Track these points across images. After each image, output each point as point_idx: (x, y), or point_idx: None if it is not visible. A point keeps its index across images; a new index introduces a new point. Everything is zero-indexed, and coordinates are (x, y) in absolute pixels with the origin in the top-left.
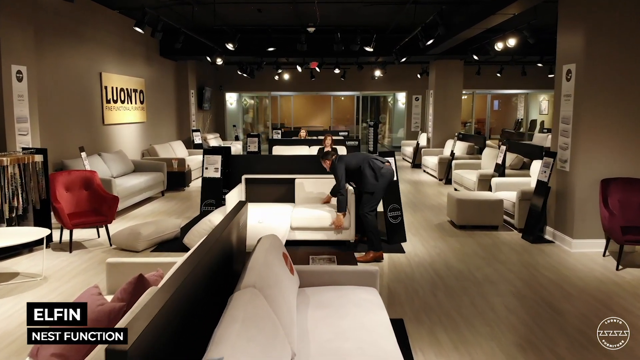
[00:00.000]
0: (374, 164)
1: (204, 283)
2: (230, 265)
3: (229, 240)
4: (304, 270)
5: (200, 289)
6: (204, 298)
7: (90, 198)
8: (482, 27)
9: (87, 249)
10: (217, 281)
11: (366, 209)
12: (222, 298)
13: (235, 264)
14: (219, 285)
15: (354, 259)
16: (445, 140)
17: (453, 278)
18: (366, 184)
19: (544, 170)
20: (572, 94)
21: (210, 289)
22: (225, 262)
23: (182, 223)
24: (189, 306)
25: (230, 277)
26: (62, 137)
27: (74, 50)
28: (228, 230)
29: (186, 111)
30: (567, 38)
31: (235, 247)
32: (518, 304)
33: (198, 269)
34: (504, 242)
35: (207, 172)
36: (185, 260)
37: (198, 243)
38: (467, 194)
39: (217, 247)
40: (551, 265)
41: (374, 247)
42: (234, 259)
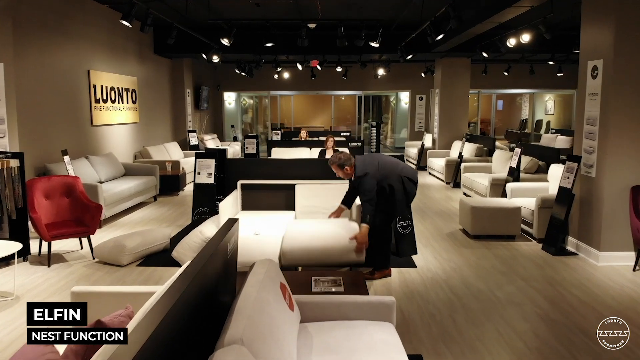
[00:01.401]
0: (408, 187)
1: (181, 332)
2: (215, 298)
3: (214, 271)
4: (306, 302)
5: (176, 341)
6: (180, 355)
7: (72, 206)
8: (495, 21)
9: (68, 262)
10: (198, 326)
11: (384, 224)
12: (202, 356)
13: (223, 294)
14: (200, 331)
15: (364, 282)
16: (451, 142)
17: (472, 298)
18: (394, 202)
19: (567, 176)
20: (598, 93)
21: (188, 339)
22: (209, 298)
23: (172, 233)
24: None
25: (215, 314)
26: (45, 140)
27: (59, 46)
28: (213, 259)
29: (182, 111)
30: (592, 32)
31: (223, 275)
32: (548, 331)
33: (175, 311)
34: (524, 254)
35: (199, 177)
36: (159, 299)
37: (177, 273)
38: (481, 201)
39: (199, 281)
40: (578, 281)
41: (383, 265)
42: (220, 291)
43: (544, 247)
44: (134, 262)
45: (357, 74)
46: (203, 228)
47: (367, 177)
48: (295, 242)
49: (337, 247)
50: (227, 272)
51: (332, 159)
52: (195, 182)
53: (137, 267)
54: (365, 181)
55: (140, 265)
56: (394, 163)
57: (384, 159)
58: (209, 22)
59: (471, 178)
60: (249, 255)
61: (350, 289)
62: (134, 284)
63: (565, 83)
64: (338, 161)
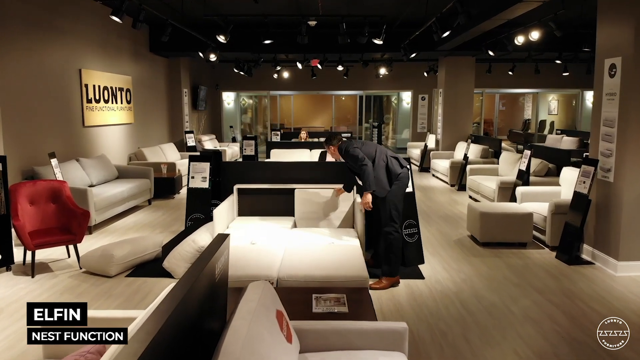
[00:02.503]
0: (392, 165)
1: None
2: (200, 329)
3: (198, 300)
4: (306, 330)
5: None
6: None
7: (58, 213)
8: (503, 17)
9: (53, 272)
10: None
11: (392, 227)
12: None
13: (211, 321)
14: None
15: (370, 300)
16: (455, 143)
17: (486, 314)
18: (376, 184)
19: (583, 180)
20: (617, 92)
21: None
22: (192, 331)
23: (164, 240)
24: None
25: (201, 345)
26: (33, 142)
27: (48, 44)
28: (197, 285)
29: (179, 111)
30: (610, 28)
31: (210, 301)
32: (571, 352)
33: (150, 352)
34: (537, 263)
35: (193, 181)
36: (135, 334)
37: (162, 295)
38: (491, 206)
39: (179, 316)
40: (597, 294)
41: (391, 273)
42: (206, 321)
43: (557, 255)
44: (123, 273)
45: (358, 74)
46: (196, 237)
47: (351, 148)
48: (293, 270)
49: (340, 276)
50: (215, 297)
51: (320, 158)
52: (188, 187)
53: (126, 278)
54: (352, 152)
55: (129, 275)
56: (377, 145)
57: (367, 142)
58: (204, 17)
59: (478, 181)
60: (244, 268)
61: (355, 308)
62: (121, 296)
63: (570, 83)
64: (326, 139)
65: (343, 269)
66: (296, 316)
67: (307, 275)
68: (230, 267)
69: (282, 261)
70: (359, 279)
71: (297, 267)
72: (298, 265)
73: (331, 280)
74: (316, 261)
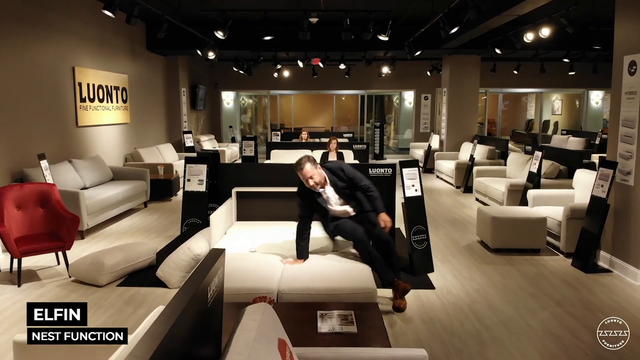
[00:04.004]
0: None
1: None
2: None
3: (190, 325)
4: (313, 357)
5: None
6: None
7: (47, 218)
8: (513, 13)
9: (41, 280)
10: None
11: (365, 236)
12: None
13: (205, 349)
14: None
15: (380, 316)
16: (460, 143)
17: (503, 329)
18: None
19: (601, 183)
20: (637, 91)
21: None
22: None
23: (159, 247)
24: None
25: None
26: (23, 143)
27: (40, 41)
28: (187, 313)
29: (177, 111)
30: (629, 24)
31: (202, 330)
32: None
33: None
34: (552, 271)
35: (189, 184)
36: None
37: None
38: (502, 211)
39: (169, 344)
40: (619, 305)
41: (390, 279)
42: (198, 348)
43: (573, 262)
44: (115, 282)
45: (360, 73)
46: (192, 244)
47: (347, 167)
48: (296, 282)
49: (345, 288)
50: (207, 324)
51: (322, 160)
52: (184, 190)
53: (117, 288)
54: (353, 171)
55: (121, 284)
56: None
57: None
58: (201, 12)
59: (485, 183)
60: (242, 280)
61: (365, 328)
62: (112, 308)
63: (575, 82)
64: (306, 162)
65: (349, 279)
66: (300, 338)
67: (310, 288)
68: (227, 279)
69: (283, 271)
70: (367, 291)
71: (299, 278)
72: (300, 276)
73: (336, 292)
74: (320, 271)
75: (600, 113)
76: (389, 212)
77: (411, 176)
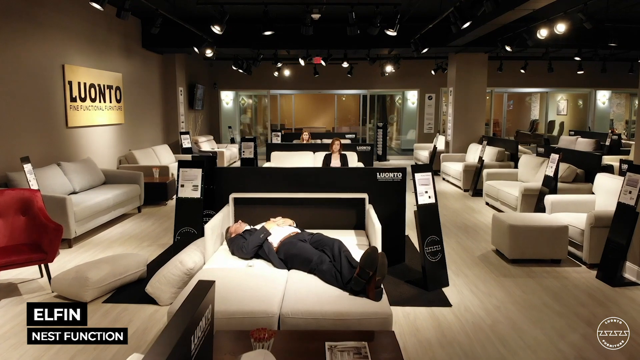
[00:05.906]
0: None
1: None
2: None
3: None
4: None
5: None
6: None
7: (28, 227)
8: (528, 7)
9: (22, 296)
10: None
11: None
12: None
13: None
14: None
15: (397, 347)
16: (467, 144)
17: (530, 353)
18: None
19: (629, 190)
20: None
21: None
22: None
23: (150, 258)
24: None
25: None
26: (8, 145)
27: (26, 37)
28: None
29: (174, 111)
30: None
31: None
32: None
33: None
34: (576, 284)
35: (183, 190)
36: None
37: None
38: (520, 218)
39: None
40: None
41: (358, 283)
42: None
43: (598, 275)
44: (101, 297)
45: (362, 72)
46: (184, 257)
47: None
48: (300, 303)
49: (356, 313)
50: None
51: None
52: (177, 197)
53: (103, 304)
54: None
55: (107, 301)
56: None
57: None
58: (197, 5)
59: (497, 187)
60: (239, 301)
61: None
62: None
63: (582, 82)
64: None
65: (360, 301)
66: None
67: (317, 312)
68: (222, 300)
69: (286, 290)
70: (381, 316)
71: (304, 298)
72: (305, 296)
73: (346, 318)
74: (326, 290)
75: (607, 113)
76: (398, 221)
77: (424, 182)
